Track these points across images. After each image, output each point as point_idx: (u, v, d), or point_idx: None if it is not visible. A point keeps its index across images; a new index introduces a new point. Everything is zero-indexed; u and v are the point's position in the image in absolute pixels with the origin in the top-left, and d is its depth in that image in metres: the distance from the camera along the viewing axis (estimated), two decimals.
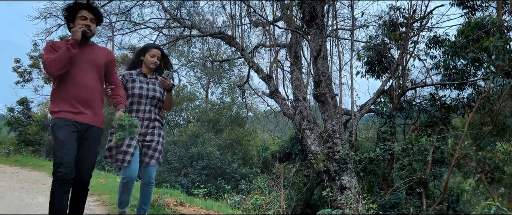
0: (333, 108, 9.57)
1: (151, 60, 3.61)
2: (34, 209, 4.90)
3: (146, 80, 3.64)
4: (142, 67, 3.69)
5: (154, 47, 3.69)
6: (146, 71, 3.68)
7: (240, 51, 13.40)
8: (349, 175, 9.04)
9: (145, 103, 3.56)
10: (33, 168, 10.42)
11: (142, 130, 3.45)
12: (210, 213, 4.78)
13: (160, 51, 3.67)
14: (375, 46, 11.58)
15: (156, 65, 3.66)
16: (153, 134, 3.54)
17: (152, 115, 3.57)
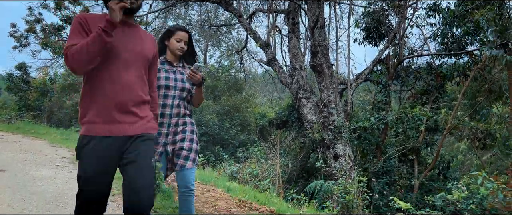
0: (329, 78, 9.66)
1: (177, 45, 3.03)
2: (38, 183, 5.12)
3: (172, 69, 3.05)
4: (167, 54, 3.10)
5: (181, 29, 3.06)
6: (171, 59, 3.09)
7: (238, 17, 13.27)
8: (343, 144, 9.29)
9: (173, 96, 2.98)
10: (35, 136, 10.65)
11: (171, 129, 2.95)
12: (208, 189, 5.00)
13: (187, 34, 3.08)
14: (374, 13, 11.48)
15: (184, 51, 3.07)
16: (185, 131, 2.97)
17: (181, 110, 3.00)
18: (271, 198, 5.74)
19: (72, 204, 4.19)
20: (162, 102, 2.95)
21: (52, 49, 18.17)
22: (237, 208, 4.18)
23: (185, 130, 2.98)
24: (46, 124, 14.70)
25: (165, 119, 2.95)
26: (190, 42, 3.13)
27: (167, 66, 3.06)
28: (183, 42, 3.05)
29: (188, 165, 2.87)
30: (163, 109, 2.95)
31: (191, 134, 2.98)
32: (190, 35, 3.12)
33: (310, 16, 9.28)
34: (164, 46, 3.11)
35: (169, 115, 2.96)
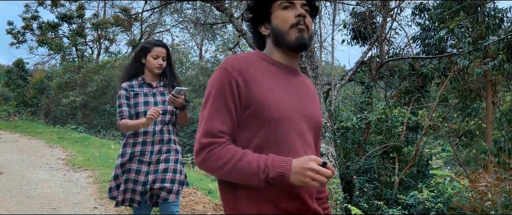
0: (313, 79, 10.06)
1: (155, 63, 2.75)
2: (34, 187, 5.56)
3: (151, 91, 2.79)
4: (145, 74, 2.83)
5: (156, 45, 2.80)
6: (150, 79, 2.83)
7: (229, 17, 13.60)
8: (327, 143, 9.73)
9: (155, 122, 2.72)
10: (32, 135, 11.09)
11: (153, 157, 2.69)
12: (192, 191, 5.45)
13: (165, 49, 2.80)
14: (360, 14, 11.85)
15: (162, 68, 2.79)
16: (168, 160, 2.70)
17: (164, 136, 2.74)
18: None
19: (64, 208, 4.66)
20: (143, 130, 2.70)
21: (49, 46, 18.52)
22: (213, 212, 4.64)
23: (169, 158, 2.71)
24: (43, 121, 15.14)
25: (147, 146, 2.70)
26: (168, 58, 2.85)
27: (145, 89, 2.79)
28: (161, 58, 2.77)
29: (171, 198, 2.65)
30: (144, 136, 2.70)
31: (175, 164, 2.72)
32: (168, 50, 2.85)
33: None
34: (141, 66, 2.83)
35: (151, 142, 2.71)
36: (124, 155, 2.72)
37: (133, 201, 2.68)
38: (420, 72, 10.76)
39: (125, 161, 2.71)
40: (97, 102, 14.70)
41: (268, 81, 1.36)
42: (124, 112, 2.74)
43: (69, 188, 5.61)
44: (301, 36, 1.37)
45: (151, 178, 2.67)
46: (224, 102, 1.31)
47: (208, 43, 27.86)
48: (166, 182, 2.64)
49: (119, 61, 15.93)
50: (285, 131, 1.33)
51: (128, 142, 2.74)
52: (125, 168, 2.71)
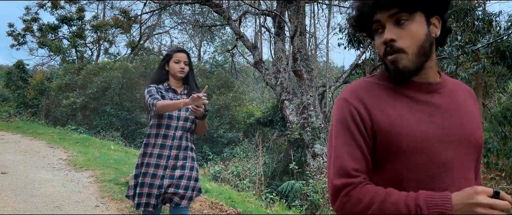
0: (309, 82, 10.32)
1: (177, 67, 2.89)
2: (37, 186, 5.79)
3: (176, 97, 2.90)
4: (170, 80, 2.97)
5: (177, 51, 2.96)
6: (175, 86, 2.97)
7: (227, 20, 13.84)
8: (321, 143, 9.99)
9: (176, 127, 2.84)
10: (33, 136, 11.33)
11: (170, 162, 2.79)
12: None
13: (186, 55, 2.95)
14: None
15: (185, 72, 2.92)
16: (184, 168, 2.81)
17: (183, 142, 2.84)
18: (246, 197, 6.42)
19: (67, 206, 4.90)
20: (163, 133, 2.81)
21: (49, 48, 18.75)
22: (209, 210, 4.88)
23: (185, 166, 2.81)
24: (43, 122, 15.37)
25: (165, 150, 2.79)
26: (190, 65, 2.97)
27: (171, 94, 2.91)
28: (183, 62, 2.90)
29: (184, 203, 2.76)
30: (164, 139, 2.80)
31: (190, 171, 2.83)
32: (189, 56, 2.98)
33: (289, 26, 9.91)
34: (165, 73, 2.98)
35: (170, 146, 2.80)
36: (145, 155, 2.81)
37: (148, 206, 2.74)
38: None
39: (145, 161, 2.80)
40: (97, 104, 14.93)
41: (394, 105, 1.16)
42: (157, 97, 2.78)
43: (71, 187, 5.85)
44: (395, 67, 1.13)
45: (166, 183, 2.74)
46: (357, 134, 1.14)
47: (207, 44, 28.15)
48: (180, 188, 2.73)
49: (118, 62, 16.14)
50: (422, 164, 1.11)
51: (150, 142, 2.82)
52: (143, 170, 2.78)
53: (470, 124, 1.17)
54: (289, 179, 12.19)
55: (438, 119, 1.15)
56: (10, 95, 20.93)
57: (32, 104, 17.09)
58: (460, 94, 1.21)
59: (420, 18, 1.13)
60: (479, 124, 1.20)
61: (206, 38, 26.35)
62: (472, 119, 1.19)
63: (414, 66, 1.13)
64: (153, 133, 2.83)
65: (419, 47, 1.12)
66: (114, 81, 14.57)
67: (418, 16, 1.13)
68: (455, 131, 1.14)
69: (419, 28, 1.12)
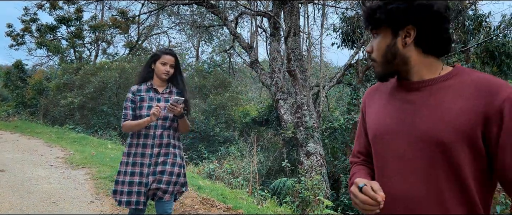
0: (303, 81, 10.48)
1: (162, 69, 2.97)
2: (34, 183, 5.95)
3: (157, 96, 3.01)
4: (154, 79, 3.07)
5: (166, 53, 3.00)
6: (158, 85, 3.05)
7: (223, 20, 14.00)
8: (315, 142, 10.15)
9: (156, 126, 2.96)
10: (31, 135, 11.47)
11: (152, 159, 2.92)
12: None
13: (173, 58, 3.00)
14: (350, 18, 12.28)
15: (169, 74, 3.00)
16: (165, 163, 2.93)
17: (164, 140, 2.97)
18: (239, 194, 6.58)
19: (63, 202, 5.06)
20: (144, 133, 2.94)
21: (47, 48, 18.89)
22: (200, 206, 5.04)
23: (166, 161, 2.94)
24: (42, 121, 15.52)
25: (147, 149, 2.93)
26: (177, 67, 3.06)
27: (152, 93, 3.01)
28: (169, 65, 2.97)
29: (166, 197, 2.91)
30: (145, 139, 2.94)
31: (172, 167, 2.94)
32: (177, 59, 3.04)
33: (283, 27, 10.06)
34: (151, 71, 3.07)
35: (151, 145, 2.93)
36: (130, 155, 2.95)
37: (138, 204, 2.89)
38: None
39: (130, 161, 2.94)
40: (95, 103, 15.09)
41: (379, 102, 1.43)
42: (128, 114, 2.98)
43: (67, 184, 6.01)
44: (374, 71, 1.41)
45: (150, 179, 2.89)
46: (361, 124, 1.54)
47: (205, 44, 28.32)
48: (162, 183, 2.87)
49: (116, 63, 16.30)
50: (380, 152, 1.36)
51: (133, 142, 2.97)
52: (130, 170, 2.92)
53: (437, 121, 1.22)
54: (285, 176, 12.39)
55: (405, 114, 1.30)
56: (9, 95, 21.08)
57: (31, 104, 17.25)
58: (452, 92, 1.25)
59: (385, 32, 1.32)
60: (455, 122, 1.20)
61: (204, 38, 26.50)
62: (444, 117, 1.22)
63: (383, 72, 1.35)
64: (135, 134, 2.96)
65: (382, 57, 1.33)
66: (112, 81, 14.73)
67: (383, 30, 1.32)
68: (415, 126, 1.26)
69: (381, 41, 1.33)
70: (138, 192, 2.89)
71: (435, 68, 1.31)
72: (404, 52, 1.30)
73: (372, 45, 1.37)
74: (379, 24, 1.32)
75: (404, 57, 1.30)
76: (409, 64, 1.31)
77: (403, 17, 1.27)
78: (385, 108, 1.38)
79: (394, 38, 1.30)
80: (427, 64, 1.31)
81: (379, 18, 1.30)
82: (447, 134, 1.20)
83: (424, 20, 1.26)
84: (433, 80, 1.29)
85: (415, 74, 1.31)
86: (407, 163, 1.27)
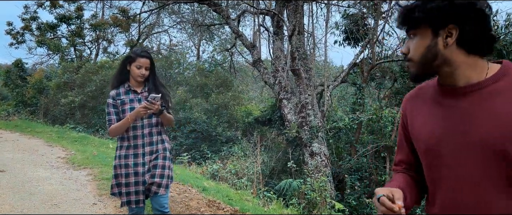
0: (307, 81, 10.33)
1: (138, 72, 2.97)
2: (35, 184, 5.81)
3: (137, 97, 3.03)
4: (130, 81, 3.07)
5: (140, 55, 2.98)
6: (135, 86, 3.06)
7: (225, 19, 13.85)
8: (319, 142, 10.01)
9: (142, 126, 2.99)
10: (32, 134, 11.33)
11: (146, 158, 2.99)
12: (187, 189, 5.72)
13: (148, 60, 3.00)
14: (352, 16, 12.13)
15: (144, 77, 3.02)
16: (157, 158, 3.01)
17: (153, 138, 3.02)
18: (244, 196, 6.45)
19: (65, 204, 4.92)
20: (132, 134, 2.97)
21: (47, 47, 18.74)
22: (206, 208, 4.90)
23: (157, 157, 3.01)
24: (42, 121, 15.37)
25: (139, 149, 2.98)
26: (152, 68, 3.07)
27: (131, 95, 3.03)
28: (144, 68, 2.98)
29: (161, 191, 2.96)
30: (135, 140, 2.97)
31: (163, 160, 3.02)
32: (152, 61, 3.06)
33: (288, 25, 9.92)
34: (127, 72, 3.06)
35: (142, 144, 2.98)
36: (121, 158, 3.00)
37: (138, 202, 2.98)
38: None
39: (122, 163, 2.98)
40: (96, 102, 14.94)
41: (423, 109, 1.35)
42: (112, 120, 3.01)
43: (69, 185, 5.87)
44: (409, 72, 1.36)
45: (147, 177, 2.97)
46: (402, 132, 1.47)
47: (206, 43, 28.14)
48: (155, 177, 2.96)
49: (117, 61, 16.15)
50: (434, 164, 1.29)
51: (123, 144, 3.01)
52: (124, 171, 2.98)
53: (492, 129, 1.16)
54: (287, 177, 12.24)
55: (456, 122, 1.23)
56: (9, 94, 20.93)
57: (31, 103, 17.09)
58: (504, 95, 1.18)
59: (424, 32, 1.25)
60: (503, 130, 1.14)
61: (205, 37, 26.35)
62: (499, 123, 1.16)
63: (420, 72, 1.30)
64: (124, 137, 3.00)
65: (421, 58, 1.27)
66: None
67: (422, 30, 1.26)
68: (469, 135, 1.20)
69: (420, 42, 1.27)
70: (136, 192, 2.97)
71: (480, 69, 1.24)
72: (445, 53, 1.23)
73: (408, 46, 1.32)
74: (417, 24, 1.27)
75: (446, 58, 1.24)
76: (452, 65, 1.24)
77: (444, 16, 1.21)
78: (432, 117, 1.31)
79: (435, 39, 1.24)
80: (472, 65, 1.24)
81: (418, 17, 1.25)
82: (504, 141, 1.15)
83: (467, 19, 1.19)
84: (482, 84, 1.23)
85: (461, 76, 1.25)
86: (463, 173, 1.22)
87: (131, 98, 3.03)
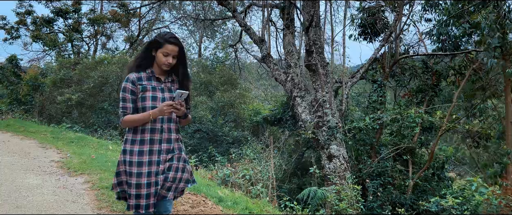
0: (324, 77, 9.52)
1: (164, 60, 2.60)
2: (24, 194, 4.98)
3: (160, 86, 2.66)
4: (154, 67, 2.69)
5: (169, 41, 2.58)
6: (159, 74, 2.69)
7: (232, 12, 13.05)
8: (338, 144, 9.20)
9: (162, 119, 2.62)
10: (25, 134, 10.48)
11: (162, 156, 2.62)
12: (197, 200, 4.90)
13: (178, 48, 2.61)
14: (369, 8, 11.32)
15: (170, 66, 2.65)
16: (172, 160, 2.64)
17: (172, 135, 2.66)
18: (263, 206, 5.65)
19: None
20: (150, 127, 2.56)
21: (43, 42, 17.89)
22: None
23: (173, 157, 2.64)
24: (37, 119, 14.50)
25: (155, 145, 2.58)
26: (181, 57, 2.65)
27: (154, 82, 2.64)
28: (171, 56, 2.59)
29: (169, 195, 2.64)
30: (152, 134, 2.57)
31: (178, 162, 2.65)
32: (181, 48, 2.63)
33: (305, 15, 9.10)
34: (150, 57, 2.66)
35: (159, 140, 2.59)
36: (133, 153, 2.55)
37: (148, 207, 2.55)
38: (434, 70, 10.23)
39: (134, 160, 2.53)
40: (94, 100, 14.09)
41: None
42: (128, 107, 2.59)
43: (63, 195, 5.04)
44: None
45: (161, 179, 2.59)
46: None
47: (208, 40, 27.33)
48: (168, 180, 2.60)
49: (117, 56, 15.30)
50: None
51: (136, 138, 2.57)
52: (136, 170, 2.53)
53: None
54: (299, 180, 11.43)
55: None
56: (4, 92, 20.02)
57: (26, 101, 16.19)
58: None
59: None
60: None
61: (206, 34, 25.57)
62: None
63: None
64: (138, 129, 2.58)
65: None
66: (112, 76, 13.72)
67: None
68: None
69: None
70: (147, 195, 2.55)
71: None
72: None
73: None
74: None
75: None
76: None
77: None
78: None
79: None
80: None
81: None
82: None
83: None
84: None
85: None
86: None
87: (154, 85, 2.64)
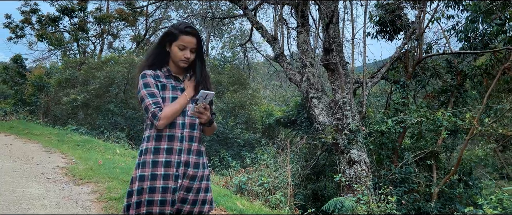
0: (344, 77, 8.97)
1: (180, 55, 2.22)
2: (24, 206, 4.49)
3: (179, 86, 2.27)
4: (170, 65, 2.31)
5: (186, 32, 2.20)
6: (176, 72, 2.31)
7: (243, 9, 12.55)
8: (359, 149, 8.64)
9: (182, 125, 2.20)
10: (28, 137, 10.02)
11: (180, 170, 2.16)
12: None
13: (194, 39, 2.22)
14: (388, 5, 10.77)
15: (189, 62, 2.26)
16: (194, 178, 2.20)
17: (193, 145, 2.22)
18: None
19: None
20: (168, 134, 2.15)
21: (49, 42, 17.49)
22: None
23: (196, 176, 2.18)
24: (41, 121, 14.06)
25: (173, 156, 2.14)
26: (199, 51, 2.27)
27: (173, 81, 2.26)
28: (189, 50, 2.21)
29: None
30: (169, 142, 2.14)
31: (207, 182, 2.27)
32: (199, 40, 2.25)
33: (324, 11, 8.56)
34: (165, 53, 2.29)
35: (178, 150, 2.15)
36: (145, 165, 2.13)
37: None
38: (459, 70, 9.66)
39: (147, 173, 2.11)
40: (100, 101, 13.63)
41: None
42: (160, 102, 2.16)
43: (67, 208, 4.54)
44: None
45: (179, 196, 2.16)
46: None
47: (214, 40, 26.89)
48: (187, 203, 2.18)
49: (124, 56, 14.82)
50: None
51: (149, 147, 2.15)
52: (148, 185, 2.11)
53: None
54: (314, 186, 10.88)
55: None
56: (9, 92, 19.63)
57: (30, 101, 15.76)
58: None
59: None
60: None
61: (213, 33, 25.14)
62: None
63: None
64: (153, 135, 2.18)
65: None
66: (119, 76, 13.24)
67: None
68: None
69: None
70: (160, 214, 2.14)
71: None
72: None
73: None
74: None
75: None
76: None
77: None
78: None
79: None
80: None
81: None
82: None
83: None
84: None
85: None
86: None
87: (174, 85, 2.25)
